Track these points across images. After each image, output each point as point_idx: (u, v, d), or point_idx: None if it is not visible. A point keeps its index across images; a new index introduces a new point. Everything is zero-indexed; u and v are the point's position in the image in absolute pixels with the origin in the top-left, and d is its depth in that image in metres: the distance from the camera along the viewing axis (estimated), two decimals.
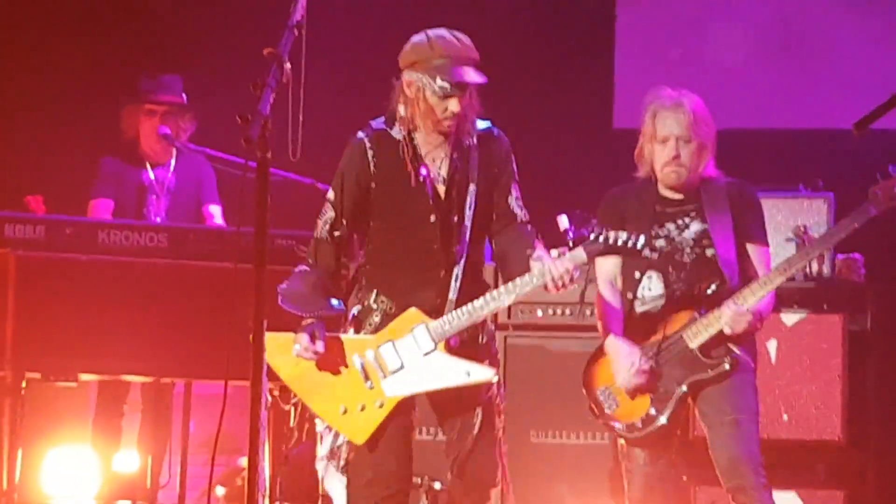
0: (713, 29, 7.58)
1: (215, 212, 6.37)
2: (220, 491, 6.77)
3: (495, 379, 4.32)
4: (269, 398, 6.13)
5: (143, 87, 6.24)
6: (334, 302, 4.32)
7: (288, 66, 3.39)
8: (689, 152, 4.65)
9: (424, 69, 4.28)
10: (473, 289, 4.36)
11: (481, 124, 4.43)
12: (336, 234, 4.37)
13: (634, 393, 4.61)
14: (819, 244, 4.99)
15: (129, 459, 6.29)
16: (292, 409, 6.10)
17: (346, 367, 4.30)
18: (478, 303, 4.28)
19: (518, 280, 4.26)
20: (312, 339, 4.23)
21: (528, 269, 4.25)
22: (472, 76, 4.29)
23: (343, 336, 4.35)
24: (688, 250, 4.67)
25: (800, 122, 7.33)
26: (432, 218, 4.34)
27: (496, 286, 4.37)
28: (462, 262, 4.35)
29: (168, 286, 5.68)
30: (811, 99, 7.37)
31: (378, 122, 4.42)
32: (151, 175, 6.29)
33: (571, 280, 4.21)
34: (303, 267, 4.37)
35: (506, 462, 4.46)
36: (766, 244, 4.78)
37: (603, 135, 7.43)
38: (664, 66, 4.75)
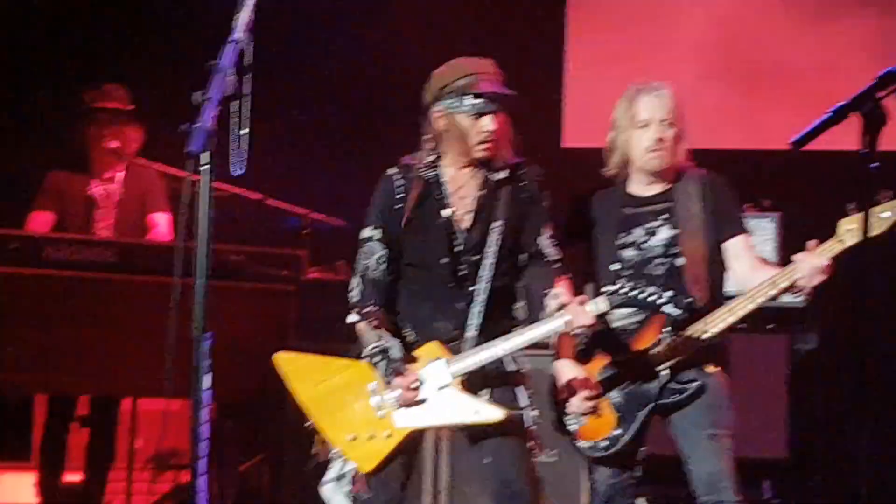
0: (662, 50, 7.64)
1: (160, 220, 6.28)
2: None
3: (502, 417, 4.16)
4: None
5: (87, 98, 6.17)
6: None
7: (231, 78, 3.38)
8: (670, 137, 4.52)
9: (451, 92, 4.20)
10: (501, 325, 4.29)
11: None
12: (390, 269, 4.28)
13: (588, 415, 4.48)
14: (787, 277, 4.33)
15: (75, 476, 6.24)
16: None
17: (361, 394, 4.23)
18: (497, 341, 4.21)
19: (535, 324, 4.20)
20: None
21: (542, 308, 4.19)
22: (501, 89, 4.21)
23: (362, 362, 4.25)
24: (658, 260, 4.53)
25: (747, 142, 7.40)
26: (446, 258, 4.26)
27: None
28: (483, 298, 4.25)
29: (116, 301, 5.65)
30: (758, 120, 7.44)
31: (408, 159, 4.33)
32: (99, 188, 6.23)
33: (590, 327, 4.16)
34: (371, 309, 4.25)
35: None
36: (746, 232, 4.59)
37: (551, 154, 7.47)
38: (613, 86, 4.74)
